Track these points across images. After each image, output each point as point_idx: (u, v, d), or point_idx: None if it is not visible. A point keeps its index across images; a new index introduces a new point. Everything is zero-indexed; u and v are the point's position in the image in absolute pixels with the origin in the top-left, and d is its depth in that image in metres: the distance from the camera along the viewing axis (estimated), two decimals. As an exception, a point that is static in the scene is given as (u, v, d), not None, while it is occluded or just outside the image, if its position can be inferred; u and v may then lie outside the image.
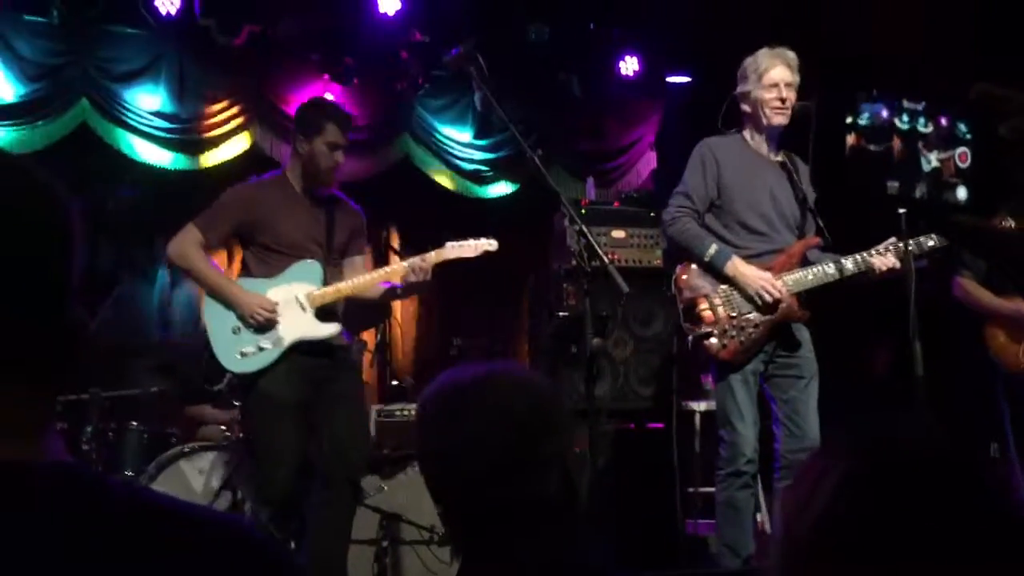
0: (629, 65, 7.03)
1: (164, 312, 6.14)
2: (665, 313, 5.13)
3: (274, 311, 3.80)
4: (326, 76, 6.53)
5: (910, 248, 3.63)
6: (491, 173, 7.09)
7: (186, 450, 4.68)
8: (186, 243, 3.84)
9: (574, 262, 5.12)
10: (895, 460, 0.88)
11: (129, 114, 6.16)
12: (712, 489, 3.98)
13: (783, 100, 3.86)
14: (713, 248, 3.82)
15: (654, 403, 5.19)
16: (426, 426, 1.59)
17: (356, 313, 4.38)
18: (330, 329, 3.89)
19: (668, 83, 7.23)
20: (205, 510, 0.87)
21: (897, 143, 3.20)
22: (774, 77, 3.87)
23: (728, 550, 3.81)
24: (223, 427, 5.09)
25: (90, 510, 0.81)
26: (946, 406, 3.73)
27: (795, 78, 3.89)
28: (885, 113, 3.22)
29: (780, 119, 3.89)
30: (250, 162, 6.38)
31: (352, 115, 4.08)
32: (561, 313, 5.02)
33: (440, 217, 6.56)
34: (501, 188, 7.16)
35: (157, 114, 6.24)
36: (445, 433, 1.54)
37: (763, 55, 3.91)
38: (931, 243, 3.89)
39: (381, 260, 6.34)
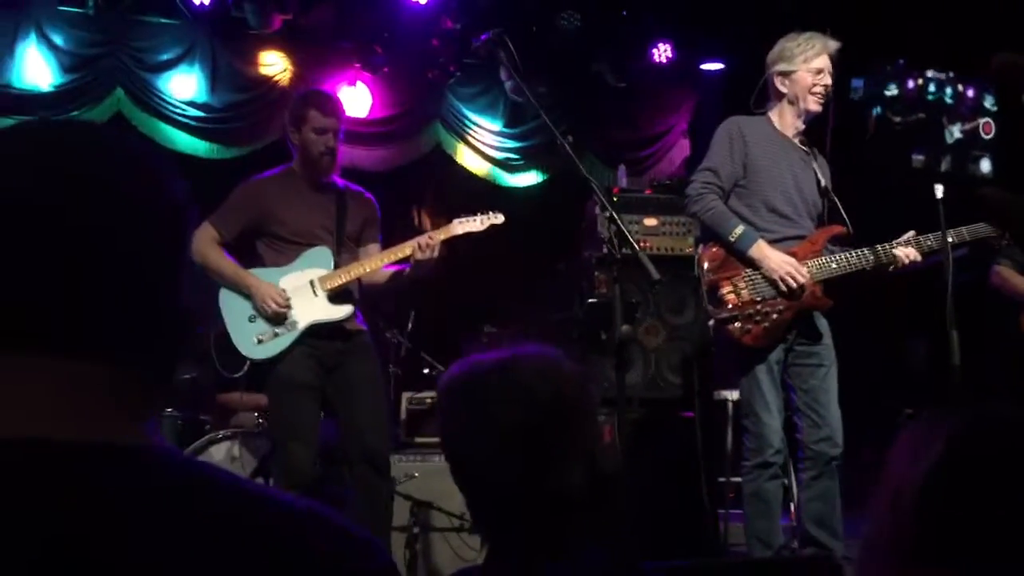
0: (662, 52, 6.97)
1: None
2: (697, 301, 5.07)
3: (286, 301, 3.91)
4: (357, 64, 6.54)
5: (948, 239, 3.56)
6: (522, 161, 7.07)
7: (219, 436, 4.73)
8: (202, 241, 3.95)
9: (605, 249, 5.13)
10: (998, 427, 0.93)
11: (164, 104, 6.21)
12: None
13: (825, 87, 3.79)
14: (740, 229, 3.73)
15: (685, 392, 5.15)
16: (446, 411, 1.56)
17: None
18: (343, 311, 3.97)
19: (702, 70, 7.16)
20: (304, 502, 0.86)
21: (923, 115, 3.11)
22: (820, 64, 3.78)
23: (758, 541, 3.76)
24: (255, 414, 5.12)
25: (193, 495, 0.81)
26: (981, 395, 3.65)
27: (832, 68, 3.81)
28: (911, 84, 3.13)
29: (817, 107, 3.82)
30: (282, 151, 6.41)
31: (337, 102, 4.13)
32: (591, 300, 4.98)
33: (469, 206, 6.54)
34: (532, 177, 7.13)
35: (191, 103, 6.29)
36: (466, 419, 1.51)
37: (811, 38, 3.81)
38: (951, 239, 3.69)
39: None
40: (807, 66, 3.79)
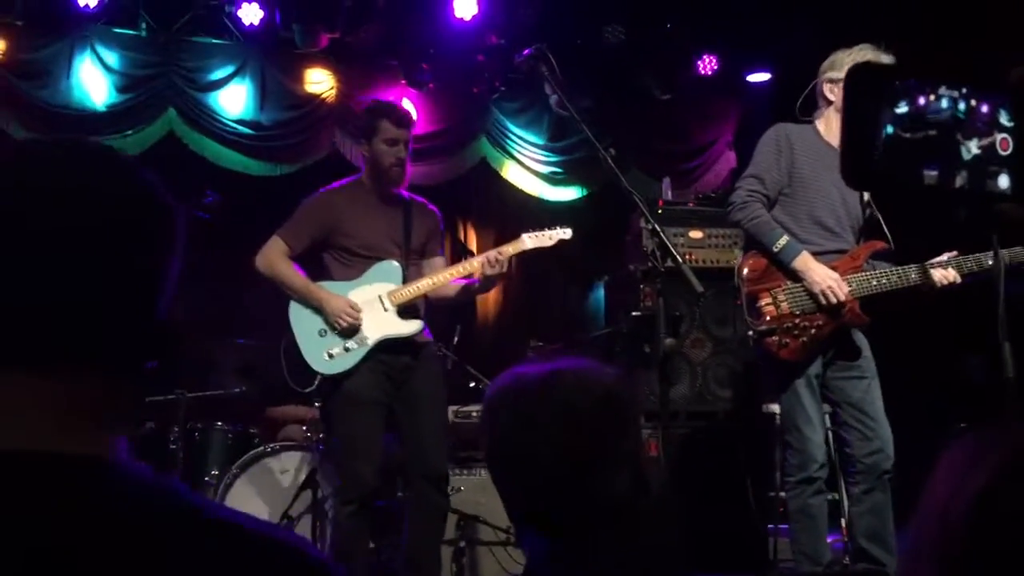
0: (707, 64, 6.95)
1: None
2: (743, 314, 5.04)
3: (359, 313, 3.89)
4: (403, 81, 6.60)
5: (989, 264, 3.49)
6: (566, 175, 7.08)
7: (268, 450, 4.77)
8: (272, 254, 3.97)
9: (649, 263, 5.12)
10: None
11: (214, 122, 6.32)
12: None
13: None
14: (784, 240, 3.66)
15: (733, 405, 5.11)
16: (490, 424, 1.56)
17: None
18: (413, 326, 3.96)
19: (747, 81, 7.12)
20: (262, 524, 0.86)
21: (935, 131, 3.05)
22: None
23: (806, 558, 3.69)
24: (304, 427, 5.17)
25: (148, 513, 0.82)
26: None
27: None
28: (922, 100, 3.08)
29: None
30: (332, 167, 6.48)
31: (408, 113, 4.12)
32: (634, 313, 4.96)
33: (515, 220, 6.56)
34: (575, 191, 7.14)
35: (241, 121, 6.39)
36: (509, 431, 1.52)
37: (863, 49, 3.73)
38: (990, 262, 3.68)
39: (457, 261, 6.37)
40: None
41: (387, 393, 3.93)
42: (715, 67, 6.95)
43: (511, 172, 7.04)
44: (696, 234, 5.25)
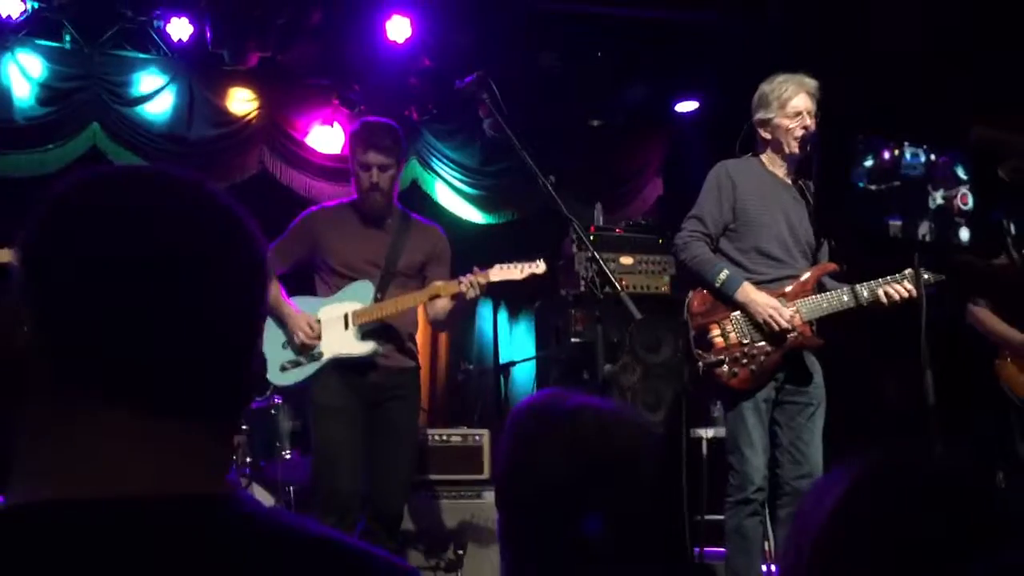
0: (636, 92, 7.04)
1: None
2: (673, 339, 5.12)
3: (316, 333, 3.91)
4: (335, 102, 6.55)
5: (926, 277, 3.60)
6: (497, 199, 7.09)
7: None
8: None
9: (583, 288, 5.16)
10: (895, 474, 1.03)
11: (139, 137, 6.18)
12: (720, 517, 3.94)
13: (806, 128, 3.81)
14: (724, 274, 3.78)
15: (661, 429, 5.16)
16: (508, 439, 1.59)
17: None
18: (366, 347, 3.93)
19: (675, 111, 7.24)
20: (350, 539, 0.89)
21: (900, 183, 3.16)
22: (797, 106, 3.82)
23: (738, 579, 3.76)
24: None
25: (283, 546, 0.83)
26: (958, 435, 3.69)
27: (814, 106, 3.83)
28: (887, 154, 3.20)
29: (798, 150, 3.83)
30: (263, 186, 6.40)
31: (382, 137, 4.00)
32: (573, 340, 5.00)
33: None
34: (506, 215, 7.16)
35: (166, 137, 6.26)
36: (520, 451, 1.55)
37: (784, 82, 3.85)
38: (943, 276, 3.80)
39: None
40: (783, 111, 3.83)
41: (358, 406, 3.92)
42: (644, 95, 7.04)
43: (441, 194, 7.03)
44: (627, 260, 5.33)
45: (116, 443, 0.81)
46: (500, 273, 3.97)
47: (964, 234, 3.28)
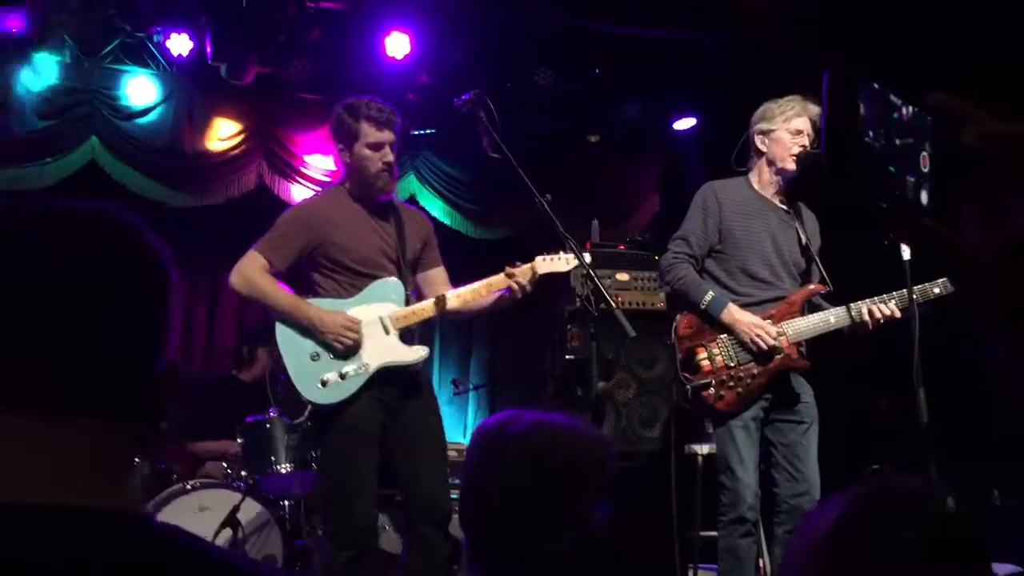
0: (633, 109, 7.10)
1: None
2: (668, 356, 5.13)
3: (359, 331, 3.49)
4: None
5: (915, 295, 3.62)
6: (493, 215, 7.14)
7: (187, 487, 4.67)
8: (249, 270, 3.53)
9: (578, 304, 5.18)
10: (889, 498, 1.08)
11: (139, 153, 6.22)
12: (713, 533, 3.95)
13: (802, 148, 3.84)
14: (709, 295, 3.80)
15: (656, 445, 5.19)
16: (469, 461, 1.63)
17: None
18: (417, 354, 3.58)
19: (672, 128, 7.29)
20: (276, 571, 0.91)
21: (906, 137, 3.14)
22: (799, 125, 3.86)
23: (731, 598, 3.77)
24: (225, 464, 5.08)
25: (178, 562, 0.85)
26: (951, 454, 3.71)
27: (813, 134, 3.86)
28: (885, 102, 3.19)
29: (792, 166, 3.86)
30: (256, 201, 6.43)
31: (392, 111, 3.64)
32: (568, 356, 5.02)
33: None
34: (500, 231, 7.20)
35: (165, 152, 6.30)
36: (482, 471, 1.58)
37: (792, 101, 3.90)
38: (936, 290, 3.77)
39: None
40: (786, 126, 3.87)
41: (383, 425, 3.53)
42: (641, 113, 7.10)
43: (438, 209, 7.07)
44: (623, 276, 5.36)
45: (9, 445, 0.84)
46: (545, 265, 3.65)
47: (924, 197, 3.26)
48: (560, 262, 3.65)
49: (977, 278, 0.74)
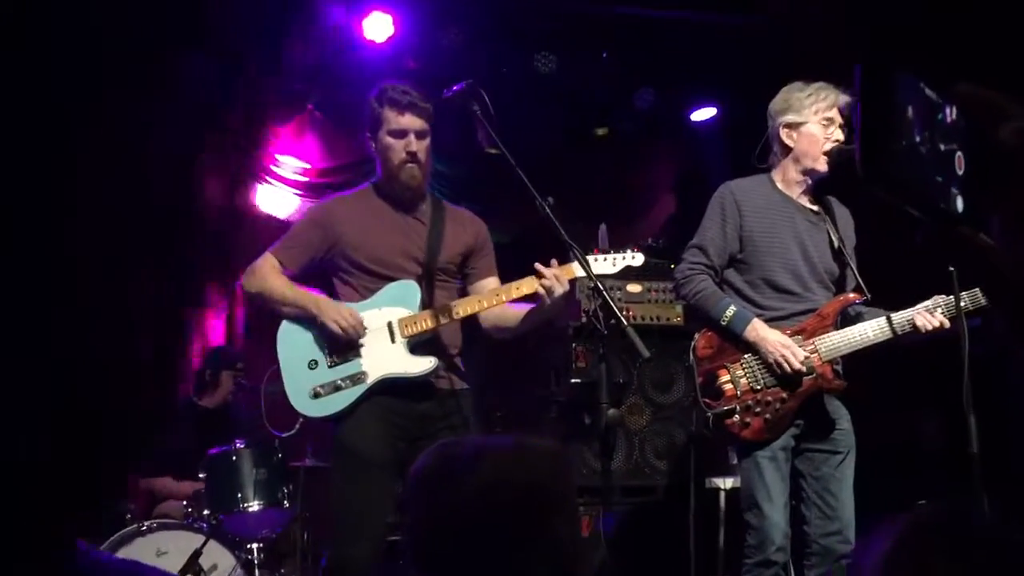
0: (645, 98, 7.07)
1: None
2: (686, 377, 5.10)
3: (360, 322, 3.48)
4: (310, 106, 6.60)
5: (963, 302, 3.56)
6: (489, 217, 7.12)
7: (143, 528, 4.64)
8: (262, 270, 3.59)
9: (584, 320, 5.16)
10: (939, 532, 1.16)
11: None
12: (739, 577, 3.92)
13: (837, 143, 3.75)
14: (731, 310, 3.72)
15: (672, 479, 5.16)
16: (414, 501, 1.60)
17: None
18: (423, 365, 3.51)
19: (690, 119, 7.27)
20: None
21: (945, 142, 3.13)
22: (832, 115, 3.78)
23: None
24: (184, 502, 5.05)
25: None
26: (1004, 484, 3.68)
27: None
28: (924, 102, 3.17)
29: (825, 167, 3.78)
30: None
31: (417, 94, 3.62)
32: (573, 380, 4.98)
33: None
34: (499, 234, 7.18)
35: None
36: (431, 508, 1.56)
37: (823, 88, 3.81)
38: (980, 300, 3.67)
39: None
40: (817, 117, 3.79)
41: (396, 450, 3.46)
42: (654, 102, 7.07)
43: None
44: (634, 287, 5.32)
45: None
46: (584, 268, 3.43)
47: (959, 203, 3.21)
48: (606, 264, 3.65)
49: (1012, 289, 0.74)
